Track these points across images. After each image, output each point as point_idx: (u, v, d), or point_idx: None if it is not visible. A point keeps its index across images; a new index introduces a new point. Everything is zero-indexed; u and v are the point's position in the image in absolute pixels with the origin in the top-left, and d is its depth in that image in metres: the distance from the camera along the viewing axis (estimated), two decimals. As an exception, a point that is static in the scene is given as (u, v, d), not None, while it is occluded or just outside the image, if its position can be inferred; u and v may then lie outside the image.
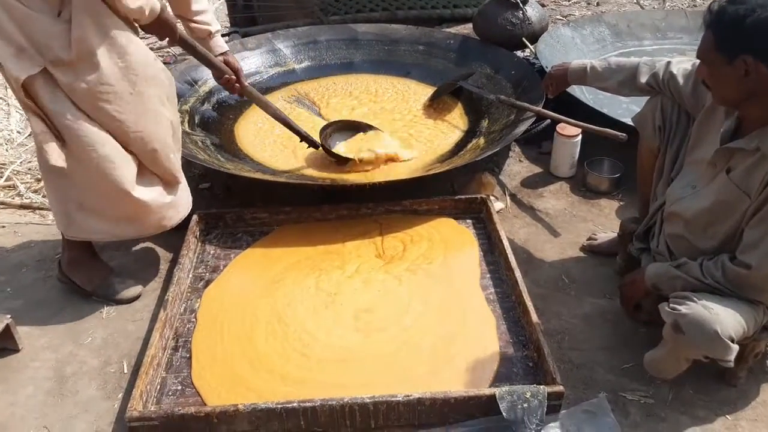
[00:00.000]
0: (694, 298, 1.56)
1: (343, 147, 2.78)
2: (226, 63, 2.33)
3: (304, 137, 2.68)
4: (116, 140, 1.95)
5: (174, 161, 2.13)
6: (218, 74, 2.33)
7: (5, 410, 1.83)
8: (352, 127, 2.88)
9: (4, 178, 3.03)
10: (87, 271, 2.22)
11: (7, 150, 3.28)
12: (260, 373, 1.85)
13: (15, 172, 3.06)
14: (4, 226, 2.67)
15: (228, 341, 1.96)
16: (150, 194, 2.06)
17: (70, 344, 2.05)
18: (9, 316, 1.99)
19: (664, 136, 1.97)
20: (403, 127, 3.02)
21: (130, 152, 2.00)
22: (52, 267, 2.38)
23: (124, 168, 1.97)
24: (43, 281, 2.32)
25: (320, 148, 2.72)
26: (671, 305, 1.59)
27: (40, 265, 2.40)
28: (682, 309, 1.55)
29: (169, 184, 2.14)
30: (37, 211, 2.77)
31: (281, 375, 1.83)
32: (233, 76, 2.34)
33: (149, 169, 2.07)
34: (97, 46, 1.83)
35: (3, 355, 2.01)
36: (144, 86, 1.96)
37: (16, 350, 2.02)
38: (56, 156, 1.91)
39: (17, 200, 2.86)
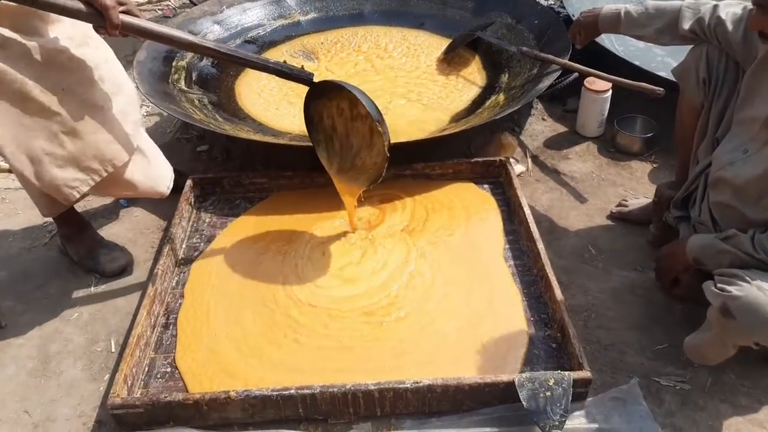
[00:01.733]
0: (747, 278, 1.36)
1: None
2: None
3: (287, 74, 1.84)
4: None
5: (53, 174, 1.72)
6: (93, 22, 1.56)
7: (-16, 392, 1.71)
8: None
9: (-3, 140, 2.87)
10: (75, 243, 2.08)
11: (0, 111, 3.11)
12: (247, 359, 1.68)
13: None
14: (-8, 192, 2.52)
15: (214, 322, 1.79)
16: None
17: (55, 320, 1.91)
18: (-12, 291, 1.86)
19: (709, 91, 1.76)
20: (407, 85, 2.79)
21: None
22: (39, 236, 2.24)
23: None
24: (28, 251, 2.18)
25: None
26: (719, 285, 1.39)
27: (26, 233, 2.26)
28: (733, 290, 1.35)
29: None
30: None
31: (271, 362, 1.66)
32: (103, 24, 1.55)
33: None
34: None
35: (-16, 332, 1.88)
36: None
37: (-2, 326, 1.89)
38: None
39: (6, 164, 2.71)
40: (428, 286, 1.88)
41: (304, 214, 2.17)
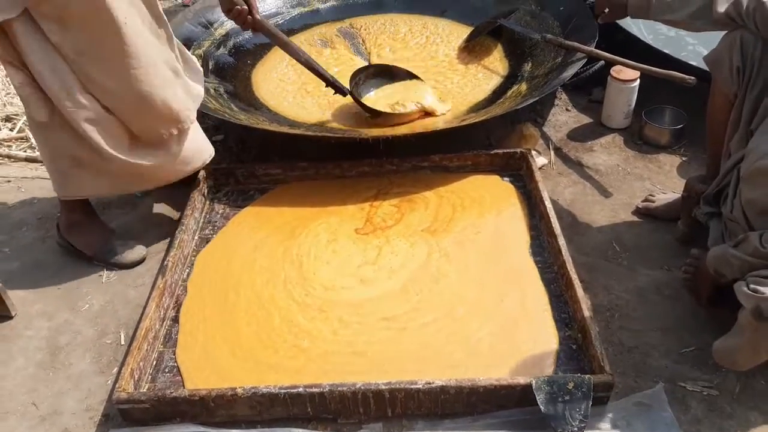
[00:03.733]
0: (782, 278, 1.28)
1: (374, 95, 2.48)
2: None
3: (330, 83, 2.35)
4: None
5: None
6: (227, 6, 2.08)
7: (-6, 384, 1.70)
8: (388, 74, 2.56)
9: (17, 129, 2.88)
10: (86, 235, 2.05)
11: (21, 99, 3.12)
12: (243, 362, 1.61)
13: (27, 124, 2.91)
14: (9, 181, 2.52)
15: (210, 321, 1.73)
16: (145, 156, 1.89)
17: (66, 311, 1.89)
18: (-1, 281, 1.84)
19: (743, 80, 1.67)
20: (425, 74, 2.70)
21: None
22: (53, 226, 2.21)
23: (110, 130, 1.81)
24: (42, 241, 2.16)
25: (348, 95, 2.39)
26: (752, 286, 1.31)
27: (41, 223, 2.25)
28: (767, 292, 1.26)
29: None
30: (44, 165, 2.60)
31: (268, 365, 1.60)
32: (245, 7, 2.08)
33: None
34: None
35: (-5, 323, 1.87)
36: None
37: (8, 317, 1.88)
38: (39, 110, 1.74)
39: (26, 153, 2.70)
40: (455, 288, 1.80)
41: (313, 207, 2.11)
